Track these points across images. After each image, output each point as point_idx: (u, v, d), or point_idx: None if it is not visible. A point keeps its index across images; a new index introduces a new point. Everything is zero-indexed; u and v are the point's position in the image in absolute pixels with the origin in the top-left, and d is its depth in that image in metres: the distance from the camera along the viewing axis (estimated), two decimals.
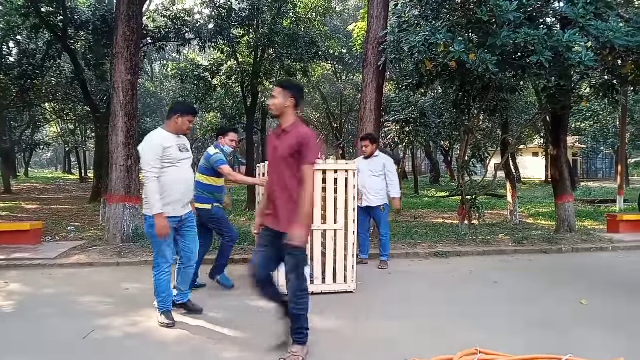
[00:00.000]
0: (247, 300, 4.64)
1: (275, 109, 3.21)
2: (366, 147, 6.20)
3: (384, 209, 6.16)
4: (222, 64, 15.92)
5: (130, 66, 7.59)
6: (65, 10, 12.10)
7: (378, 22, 7.99)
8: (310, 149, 3.07)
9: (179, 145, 3.89)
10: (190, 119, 4.00)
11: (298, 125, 3.17)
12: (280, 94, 3.17)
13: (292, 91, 3.19)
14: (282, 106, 3.17)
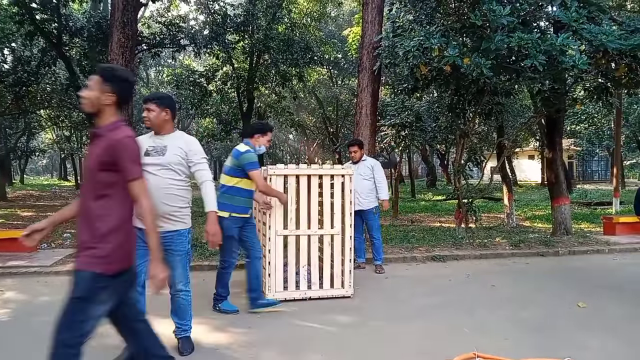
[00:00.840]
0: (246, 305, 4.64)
1: (87, 105, 2.40)
2: (355, 152, 6.23)
3: (376, 211, 6.18)
4: (218, 69, 15.97)
5: None
6: (60, 17, 12.10)
7: (372, 27, 8.02)
8: (127, 160, 2.28)
9: (149, 148, 3.30)
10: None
11: (117, 127, 2.35)
12: (97, 85, 2.38)
13: (113, 84, 2.38)
14: (97, 101, 2.37)
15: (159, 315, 3.78)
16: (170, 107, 3.36)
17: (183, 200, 3.32)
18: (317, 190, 4.89)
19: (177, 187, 3.29)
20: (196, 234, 9.36)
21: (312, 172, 4.92)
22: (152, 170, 3.17)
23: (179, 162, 3.30)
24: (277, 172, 4.85)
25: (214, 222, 3.40)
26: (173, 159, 3.28)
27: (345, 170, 5.00)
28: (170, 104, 3.38)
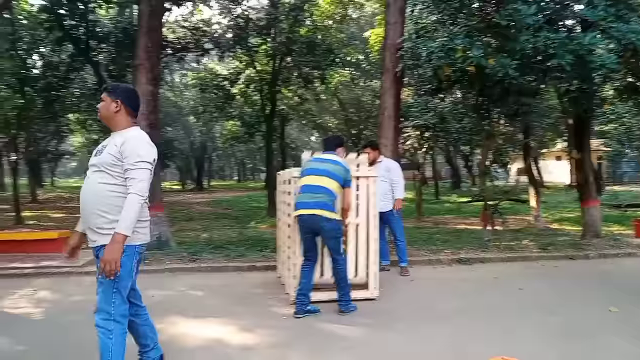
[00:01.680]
0: (271, 307, 4.68)
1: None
2: (368, 154, 6.20)
3: (396, 213, 6.15)
4: (241, 72, 16.15)
5: (152, 77, 7.74)
6: (88, 23, 12.42)
7: (395, 28, 7.99)
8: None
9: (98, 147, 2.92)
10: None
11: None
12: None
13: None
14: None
15: None
16: (124, 98, 2.84)
17: (118, 211, 2.63)
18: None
19: (110, 193, 2.68)
20: (216, 235, 9.52)
21: None
22: (88, 173, 2.83)
23: (112, 162, 2.70)
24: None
25: (115, 249, 2.53)
26: (106, 159, 2.72)
27: (369, 172, 5.00)
28: (125, 95, 2.86)
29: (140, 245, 2.81)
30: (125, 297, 2.76)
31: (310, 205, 4.33)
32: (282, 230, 5.69)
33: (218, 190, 33.34)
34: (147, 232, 2.86)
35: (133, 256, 2.74)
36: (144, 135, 2.81)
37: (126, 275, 2.70)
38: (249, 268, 6.52)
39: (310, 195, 4.37)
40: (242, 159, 47.29)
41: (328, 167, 4.46)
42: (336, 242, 4.46)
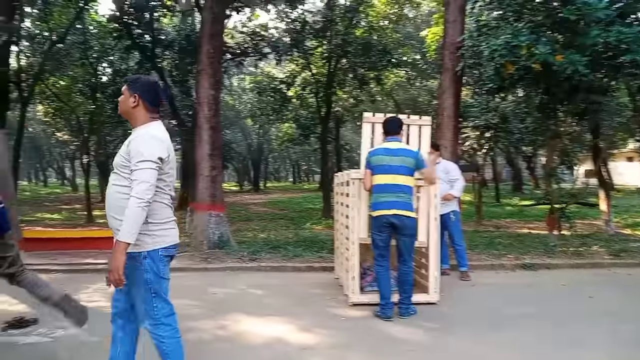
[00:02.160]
0: (329, 307, 4.71)
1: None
2: (429, 154, 6.06)
3: (454, 215, 6.00)
4: (297, 75, 16.35)
5: (214, 82, 8.01)
6: (154, 32, 13.03)
7: (454, 26, 7.82)
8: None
9: None
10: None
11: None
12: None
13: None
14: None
15: None
16: (142, 92, 2.61)
17: None
18: None
19: (120, 195, 2.50)
20: (274, 235, 9.68)
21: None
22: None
23: (122, 163, 2.54)
24: (359, 177, 4.87)
25: (116, 258, 2.34)
26: (117, 160, 2.58)
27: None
28: (143, 89, 2.63)
29: (165, 249, 2.58)
30: (166, 298, 2.62)
31: (392, 205, 4.29)
32: (340, 231, 5.71)
33: (274, 191, 33.92)
34: (170, 234, 2.62)
35: (158, 261, 2.54)
36: (155, 132, 2.56)
37: (157, 279, 2.54)
38: (307, 268, 6.59)
39: (390, 194, 4.31)
40: (297, 160, 47.83)
41: (401, 162, 4.37)
42: (412, 242, 4.45)
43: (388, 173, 4.36)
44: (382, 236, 4.39)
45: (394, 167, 4.36)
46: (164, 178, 2.58)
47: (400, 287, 4.49)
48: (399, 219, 4.28)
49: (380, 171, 4.40)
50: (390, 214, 4.29)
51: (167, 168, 2.57)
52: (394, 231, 4.37)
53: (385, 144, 4.53)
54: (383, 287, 4.42)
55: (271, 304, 4.92)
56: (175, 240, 2.67)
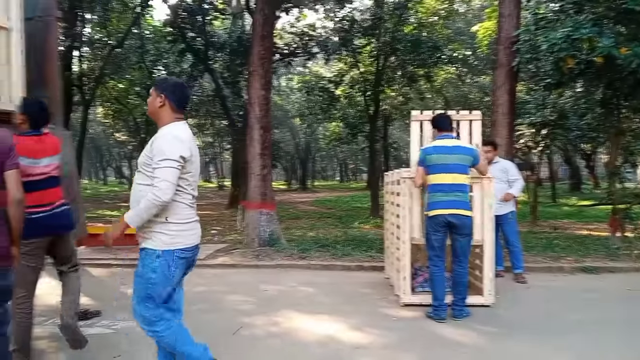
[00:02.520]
0: (380, 307, 4.69)
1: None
2: (488, 152, 5.87)
3: (512, 217, 5.79)
4: (345, 74, 16.34)
5: (264, 82, 8.14)
6: (206, 35, 13.40)
7: (510, 21, 7.57)
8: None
9: None
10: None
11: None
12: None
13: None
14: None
15: None
16: (169, 93, 2.65)
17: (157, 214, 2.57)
18: None
19: (143, 194, 2.53)
20: (322, 234, 9.71)
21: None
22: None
23: (145, 162, 2.59)
24: (411, 176, 4.82)
25: (115, 228, 2.59)
26: (141, 159, 2.64)
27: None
28: (170, 89, 2.67)
29: (182, 250, 2.57)
30: (159, 303, 2.58)
31: (450, 204, 4.22)
32: (390, 231, 5.67)
33: (321, 190, 34.11)
34: (189, 236, 2.61)
35: (172, 262, 2.54)
36: (179, 132, 2.59)
37: (162, 281, 2.54)
38: (357, 267, 6.58)
39: (448, 194, 4.24)
40: (344, 159, 47.85)
41: (458, 161, 4.28)
42: (469, 242, 4.38)
43: (446, 172, 4.26)
44: (438, 236, 4.32)
45: (451, 166, 4.26)
46: (187, 177, 2.59)
47: (454, 288, 4.40)
48: (458, 218, 4.21)
49: (437, 170, 4.30)
50: (448, 213, 4.21)
51: (190, 168, 2.59)
52: (450, 231, 4.30)
53: (440, 142, 4.41)
54: (437, 288, 4.34)
55: (322, 302, 4.95)
56: (194, 242, 2.64)
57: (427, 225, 4.44)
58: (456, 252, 4.38)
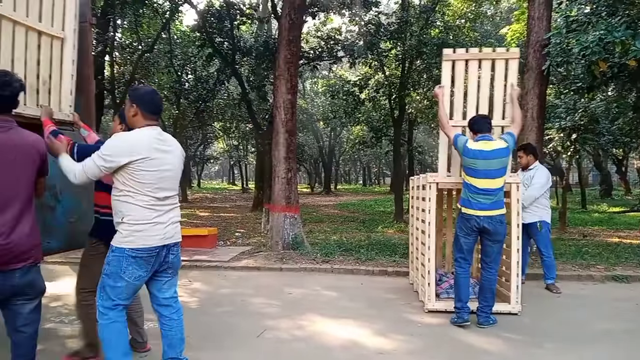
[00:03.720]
0: (405, 313, 4.66)
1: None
2: (520, 157, 5.75)
3: (541, 226, 5.59)
4: (370, 78, 16.31)
5: (290, 86, 8.20)
6: (234, 39, 13.57)
7: (540, 23, 7.43)
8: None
9: None
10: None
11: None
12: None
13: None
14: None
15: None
16: (139, 103, 2.80)
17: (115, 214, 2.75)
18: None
19: (112, 196, 2.77)
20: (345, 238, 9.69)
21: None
22: None
23: None
24: (437, 180, 4.78)
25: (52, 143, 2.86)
26: None
27: (511, 178, 4.71)
28: (140, 99, 2.82)
29: (134, 250, 2.66)
30: (112, 296, 2.71)
31: (490, 206, 4.18)
32: (415, 236, 5.62)
33: (344, 193, 34.05)
34: (145, 237, 2.68)
35: (122, 259, 2.65)
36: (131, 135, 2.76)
37: (112, 275, 2.68)
38: (380, 272, 6.55)
39: (486, 197, 4.19)
40: (368, 163, 47.71)
41: (499, 165, 4.21)
42: (500, 248, 4.32)
43: (487, 178, 4.20)
44: (469, 240, 4.29)
45: (493, 172, 4.20)
46: (141, 180, 2.66)
47: (481, 295, 4.32)
48: (492, 224, 4.15)
49: (481, 176, 4.21)
50: (483, 215, 4.16)
51: (144, 170, 2.65)
52: (481, 235, 4.25)
53: (479, 145, 4.24)
54: (461, 290, 4.28)
55: (346, 306, 4.95)
56: (147, 244, 2.68)
57: (458, 225, 4.39)
58: (486, 258, 4.32)
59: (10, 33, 2.98)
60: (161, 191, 2.73)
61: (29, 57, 3.14)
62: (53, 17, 3.35)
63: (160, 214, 2.73)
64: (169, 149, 2.81)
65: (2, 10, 2.87)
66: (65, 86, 3.46)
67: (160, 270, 2.83)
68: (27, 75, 3.11)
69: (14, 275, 2.46)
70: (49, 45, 3.33)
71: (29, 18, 3.12)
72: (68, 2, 3.47)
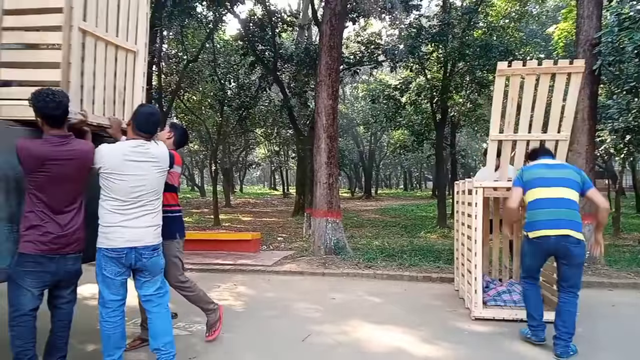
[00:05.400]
0: (451, 320, 4.58)
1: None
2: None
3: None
4: (411, 81, 16.16)
5: (332, 92, 8.24)
6: (275, 47, 13.78)
7: (590, 22, 7.16)
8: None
9: None
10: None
11: None
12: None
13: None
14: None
15: None
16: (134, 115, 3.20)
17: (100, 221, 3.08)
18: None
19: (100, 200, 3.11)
20: (387, 243, 9.60)
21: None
22: None
23: None
24: (483, 185, 4.68)
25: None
26: None
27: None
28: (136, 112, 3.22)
29: (106, 249, 3.00)
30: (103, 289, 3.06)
31: (560, 224, 3.60)
32: (460, 241, 5.52)
33: (385, 198, 33.78)
34: (114, 238, 2.99)
35: (101, 258, 3.02)
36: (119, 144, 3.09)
37: (98, 271, 3.06)
38: (424, 278, 6.46)
39: (556, 212, 3.62)
40: (409, 167, 47.16)
41: (566, 175, 3.72)
42: (580, 271, 3.71)
43: (552, 186, 3.70)
44: (536, 262, 3.84)
45: (558, 180, 3.70)
46: (108, 185, 2.99)
47: (558, 318, 3.70)
48: (566, 245, 3.57)
49: (541, 184, 3.73)
50: (554, 235, 3.59)
51: (109, 178, 2.97)
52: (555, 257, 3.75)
53: (540, 161, 3.93)
54: (531, 307, 3.88)
55: (390, 312, 4.91)
56: (115, 245, 3.00)
57: (525, 247, 3.88)
58: (563, 280, 3.74)
59: (93, 47, 3.20)
60: (131, 198, 3.02)
61: (108, 70, 3.35)
62: (128, 31, 3.55)
63: (128, 218, 3.02)
64: (146, 160, 3.09)
65: (87, 27, 3.08)
66: (137, 97, 3.66)
67: (137, 271, 3.15)
68: (106, 87, 3.35)
69: (67, 261, 2.90)
70: (124, 58, 3.53)
71: (108, 33, 3.32)
72: (140, 17, 3.66)
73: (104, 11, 3.29)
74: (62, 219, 2.85)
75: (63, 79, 2.97)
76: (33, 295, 2.79)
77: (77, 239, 2.94)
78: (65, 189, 2.85)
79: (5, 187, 2.85)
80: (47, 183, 2.78)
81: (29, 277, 2.77)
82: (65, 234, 2.84)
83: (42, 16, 3.06)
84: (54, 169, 2.77)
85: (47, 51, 3.14)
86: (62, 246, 2.84)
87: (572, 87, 4.47)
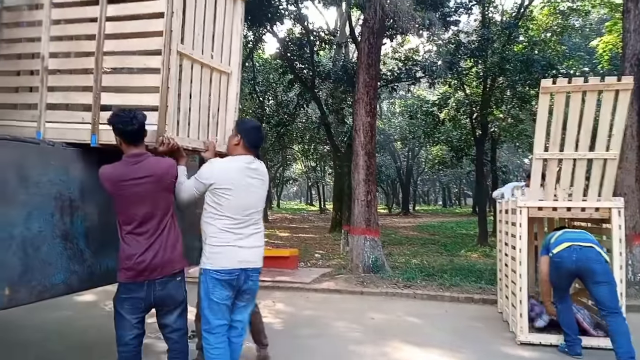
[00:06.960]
0: (495, 344, 4.44)
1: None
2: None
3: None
4: (450, 97, 16.00)
5: (370, 109, 8.26)
6: (313, 65, 13.96)
7: (636, 36, 6.94)
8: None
9: None
10: None
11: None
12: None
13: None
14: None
15: None
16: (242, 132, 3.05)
17: (202, 234, 3.00)
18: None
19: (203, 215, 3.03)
20: (426, 261, 9.42)
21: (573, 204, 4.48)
22: None
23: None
24: (528, 205, 4.55)
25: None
26: None
27: (612, 202, 4.39)
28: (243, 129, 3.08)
29: (216, 271, 2.80)
30: (209, 315, 2.85)
31: (583, 239, 4.05)
32: (504, 262, 5.37)
33: (423, 215, 33.27)
34: (222, 259, 2.81)
35: (209, 280, 2.82)
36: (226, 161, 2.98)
37: (203, 296, 2.88)
38: (466, 299, 6.31)
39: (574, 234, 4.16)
40: (448, 183, 46.35)
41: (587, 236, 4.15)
42: (612, 289, 3.89)
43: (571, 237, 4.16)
44: (561, 278, 4.10)
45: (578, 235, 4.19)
46: (221, 203, 2.81)
47: (613, 340, 3.82)
48: (588, 252, 3.92)
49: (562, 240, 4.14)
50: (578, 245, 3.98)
51: (222, 195, 2.81)
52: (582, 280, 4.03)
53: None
54: (566, 323, 4.07)
55: (431, 334, 4.81)
56: (225, 266, 2.80)
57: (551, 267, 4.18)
58: (599, 303, 3.92)
59: (189, 70, 3.17)
60: (243, 216, 2.86)
61: (203, 93, 3.31)
62: (222, 52, 3.50)
63: (240, 237, 2.84)
64: (257, 177, 2.95)
65: (184, 50, 3.05)
66: (230, 119, 3.57)
67: (238, 294, 2.92)
68: (201, 109, 3.29)
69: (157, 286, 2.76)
70: (218, 80, 3.47)
71: (204, 55, 3.28)
72: (234, 38, 3.61)
73: (200, 33, 3.23)
74: (144, 242, 2.72)
75: (161, 103, 2.90)
76: (131, 324, 2.73)
77: (165, 262, 2.77)
78: (144, 209, 2.74)
79: (60, 205, 2.95)
80: (124, 205, 2.74)
81: (125, 304, 2.73)
82: (146, 258, 2.70)
83: (142, 40, 3.05)
84: (128, 189, 2.71)
85: (146, 75, 3.09)
86: (146, 271, 2.71)
87: (620, 104, 4.30)
